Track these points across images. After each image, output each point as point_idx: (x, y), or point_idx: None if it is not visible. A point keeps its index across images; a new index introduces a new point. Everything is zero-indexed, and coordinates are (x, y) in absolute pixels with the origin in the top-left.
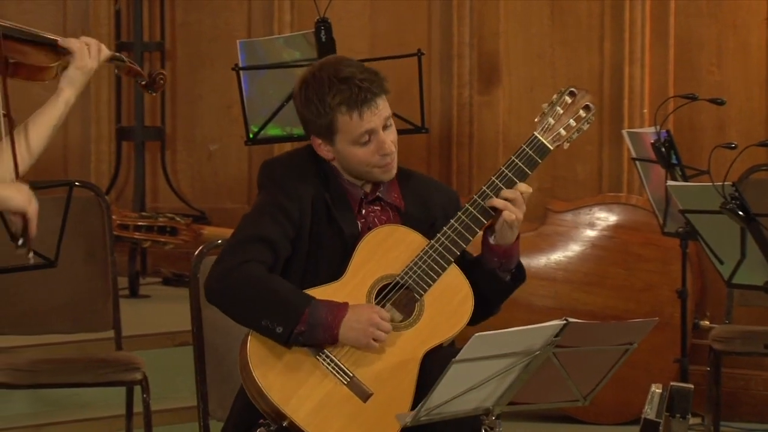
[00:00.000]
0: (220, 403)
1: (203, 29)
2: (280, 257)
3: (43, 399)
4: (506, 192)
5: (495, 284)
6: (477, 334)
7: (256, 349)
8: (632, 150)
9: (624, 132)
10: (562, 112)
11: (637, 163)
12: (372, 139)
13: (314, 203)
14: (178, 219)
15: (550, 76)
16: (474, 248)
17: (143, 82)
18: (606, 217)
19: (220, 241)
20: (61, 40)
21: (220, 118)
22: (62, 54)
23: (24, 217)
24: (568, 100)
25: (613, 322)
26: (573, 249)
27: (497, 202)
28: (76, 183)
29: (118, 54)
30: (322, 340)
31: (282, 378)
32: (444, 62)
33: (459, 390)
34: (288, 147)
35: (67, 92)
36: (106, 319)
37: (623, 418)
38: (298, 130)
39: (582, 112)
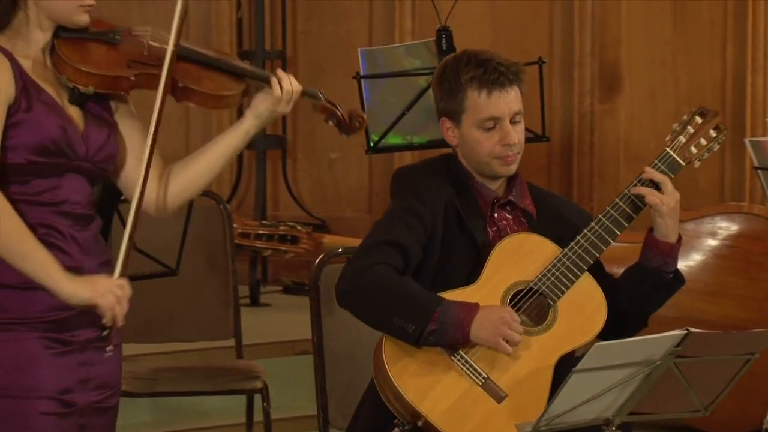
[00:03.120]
0: (340, 412)
1: (324, 37)
2: (410, 262)
3: (164, 407)
4: (643, 189)
5: (657, 284)
6: (597, 344)
7: (390, 351)
8: (754, 159)
9: (746, 140)
10: (693, 131)
11: (759, 172)
12: (497, 126)
13: (446, 210)
14: (298, 227)
15: (672, 84)
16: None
17: (334, 122)
18: (728, 227)
19: (340, 250)
20: (275, 77)
21: None
22: (248, 83)
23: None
24: (699, 120)
25: (734, 332)
26: (694, 258)
27: (641, 189)
28: None
29: (312, 90)
30: (454, 339)
31: (417, 378)
32: (565, 70)
33: (579, 399)
34: (408, 156)
35: (249, 122)
36: (227, 327)
37: (744, 428)
38: (419, 139)
39: (713, 132)
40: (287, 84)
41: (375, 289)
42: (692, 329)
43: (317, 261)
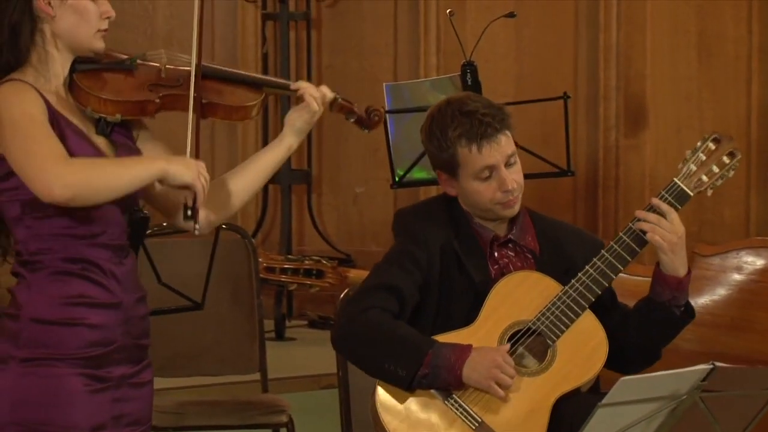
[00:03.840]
0: None
1: (349, 72)
2: (406, 305)
3: None
4: (649, 216)
5: (665, 319)
6: (623, 378)
7: (384, 397)
8: None
9: None
10: (704, 158)
11: None
12: (493, 174)
13: (443, 251)
14: (324, 262)
15: (697, 119)
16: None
17: (354, 119)
18: (754, 261)
19: None
20: (294, 84)
21: (366, 161)
22: (266, 92)
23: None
24: (712, 146)
25: (760, 366)
26: (720, 293)
27: (644, 225)
28: (223, 226)
29: (340, 96)
30: (446, 383)
31: (410, 424)
32: (590, 105)
33: None
34: (434, 190)
35: (290, 138)
36: (253, 361)
37: None
38: None
39: (726, 159)
40: (314, 91)
41: (367, 334)
42: (718, 364)
43: (342, 295)
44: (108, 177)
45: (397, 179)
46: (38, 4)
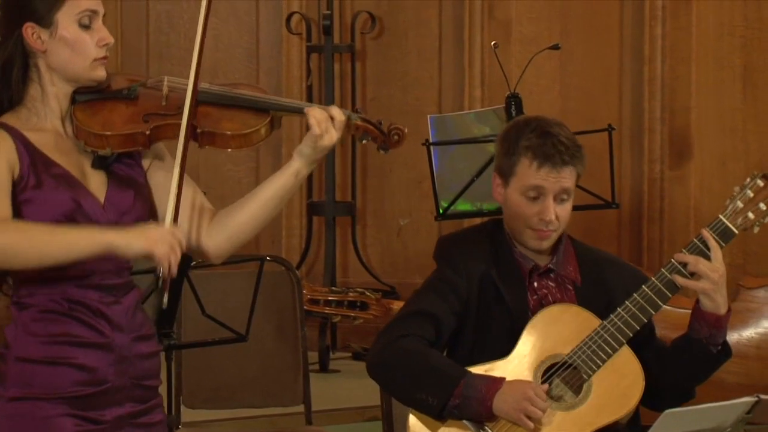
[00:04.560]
0: None
1: (394, 104)
2: (443, 332)
3: None
4: (687, 258)
5: (701, 356)
6: (668, 411)
7: (416, 426)
8: None
9: None
10: (752, 195)
11: None
12: (540, 198)
13: (482, 280)
14: (368, 294)
15: (742, 151)
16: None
17: (369, 139)
18: None
19: None
20: (307, 108)
21: (410, 192)
22: (272, 115)
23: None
24: (760, 183)
25: None
26: (765, 326)
27: (681, 281)
28: (268, 258)
29: (349, 112)
30: (477, 413)
31: None
32: (635, 137)
33: None
34: (477, 222)
35: (297, 163)
36: (297, 393)
37: None
38: (488, 205)
39: None
40: (319, 114)
41: (400, 361)
42: (762, 396)
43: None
44: (37, 244)
45: (441, 211)
46: (28, 39)
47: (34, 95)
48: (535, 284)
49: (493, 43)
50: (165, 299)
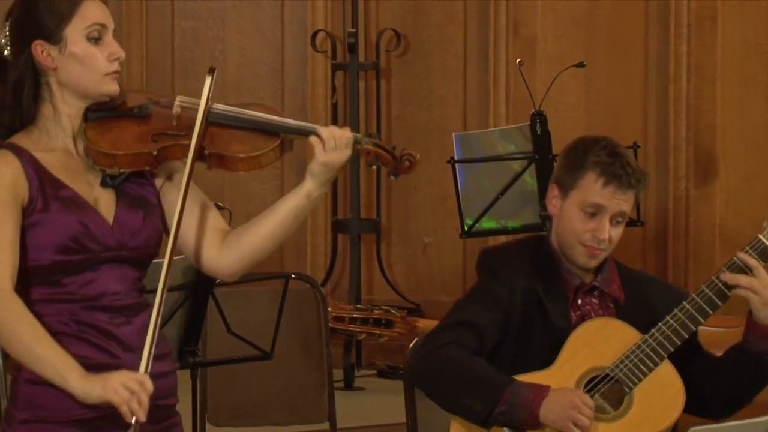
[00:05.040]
0: None
1: (419, 122)
2: (485, 342)
3: None
4: (740, 279)
5: (759, 369)
6: (694, 428)
7: None
8: None
9: None
10: None
11: None
12: (597, 216)
13: (526, 292)
14: (393, 311)
15: None
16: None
17: (378, 165)
18: None
19: None
20: (319, 129)
21: (435, 210)
22: (282, 137)
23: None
24: None
25: None
26: None
27: (731, 277)
28: (293, 275)
29: (362, 136)
30: (523, 421)
31: None
32: (660, 155)
33: None
34: (503, 240)
35: (308, 184)
36: (322, 411)
37: None
38: (513, 223)
39: None
40: (324, 133)
41: (445, 368)
42: None
43: (411, 345)
44: (10, 338)
45: (466, 229)
46: (38, 57)
47: (45, 114)
48: (579, 301)
49: (518, 60)
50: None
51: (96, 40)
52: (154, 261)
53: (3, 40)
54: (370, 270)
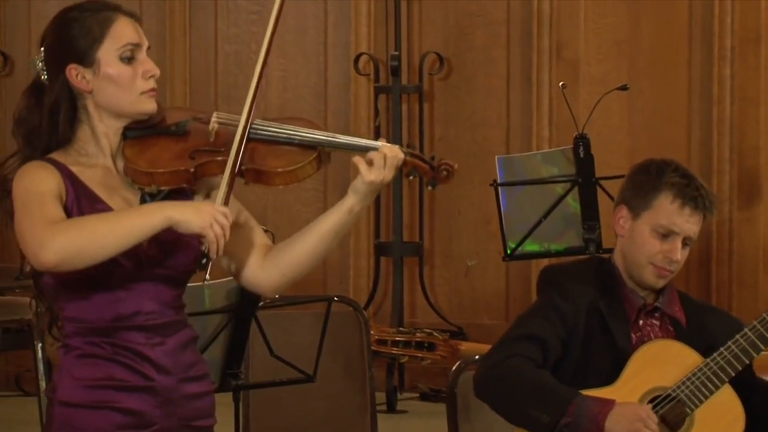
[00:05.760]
0: None
1: (462, 144)
2: (549, 357)
3: None
4: None
5: None
6: None
7: None
8: None
9: None
10: None
11: None
12: (668, 238)
13: (590, 309)
14: (435, 334)
15: None
16: None
17: (416, 175)
18: None
19: (477, 357)
20: (365, 143)
21: (478, 233)
22: (319, 150)
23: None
24: None
25: None
26: None
27: None
28: (335, 298)
29: (407, 150)
30: None
31: None
32: (703, 178)
33: None
34: (545, 264)
35: (350, 200)
36: None
37: None
38: (556, 246)
39: None
40: (376, 154)
41: (511, 380)
42: None
43: (454, 368)
44: (98, 233)
45: (509, 252)
46: (73, 81)
47: (83, 137)
48: (641, 322)
49: (561, 83)
50: (207, 279)
51: (129, 59)
52: (192, 285)
53: (39, 65)
54: (412, 293)
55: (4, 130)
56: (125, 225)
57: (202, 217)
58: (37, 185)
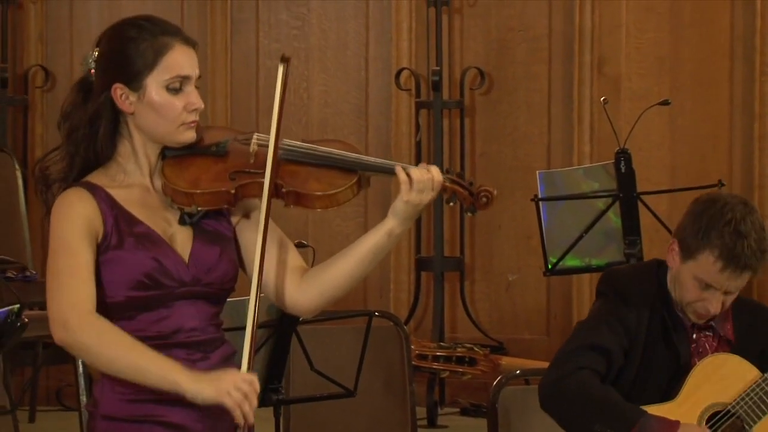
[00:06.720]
0: None
1: (503, 160)
2: (613, 367)
3: None
4: None
5: None
6: None
7: None
8: None
9: None
10: None
11: None
12: (709, 292)
13: (651, 317)
14: (476, 349)
15: None
16: None
17: (455, 202)
18: None
19: (518, 372)
20: (401, 168)
21: (519, 248)
22: (359, 174)
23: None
24: None
25: None
26: None
27: None
28: (376, 313)
29: (447, 176)
30: None
31: None
32: (745, 193)
33: None
34: (586, 278)
35: (390, 222)
36: None
37: None
38: (598, 261)
39: None
40: (417, 173)
41: (578, 394)
42: None
43: (495, 383)
44: (113, 358)
45: (549, 267)
46: (117, 100)
47: (123, 152)
48: (694, 335)
49: (602, 98)
50: None
51: (177, 90)
52: (231, 300)
53: (91, 61)
54: (453, 308)
55: (46, 143)
56: (141, 367)
57: (217, 387)
58: (70, 231)
